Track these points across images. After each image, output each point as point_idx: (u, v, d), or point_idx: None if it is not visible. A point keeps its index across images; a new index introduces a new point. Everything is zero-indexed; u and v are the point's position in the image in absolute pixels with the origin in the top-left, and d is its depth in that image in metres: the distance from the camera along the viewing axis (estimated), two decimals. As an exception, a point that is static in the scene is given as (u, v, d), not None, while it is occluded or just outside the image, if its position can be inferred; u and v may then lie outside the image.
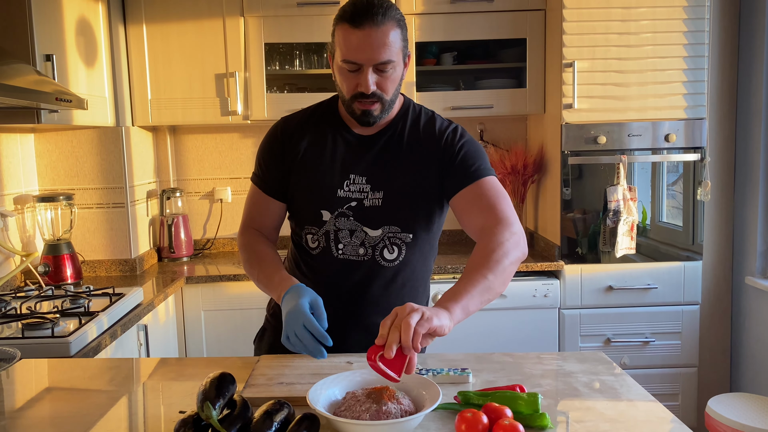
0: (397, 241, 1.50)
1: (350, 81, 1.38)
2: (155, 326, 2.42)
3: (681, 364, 2.81)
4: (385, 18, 1.32)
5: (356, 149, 1.49)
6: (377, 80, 1.37)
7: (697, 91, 2.71)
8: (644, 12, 2.67)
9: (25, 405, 1.28)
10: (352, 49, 1.34)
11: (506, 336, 2.74)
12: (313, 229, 1.50)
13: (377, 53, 1.33)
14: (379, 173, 1.47)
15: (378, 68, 1.35)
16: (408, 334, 1.04)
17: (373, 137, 1.49)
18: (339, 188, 1.47)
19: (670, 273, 2.78)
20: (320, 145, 1.50)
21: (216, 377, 1.06)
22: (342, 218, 1.47)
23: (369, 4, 1.32)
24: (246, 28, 2.87)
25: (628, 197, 2.69)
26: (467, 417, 1.03)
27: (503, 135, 3.30)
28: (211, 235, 3.32)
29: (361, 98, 1.38)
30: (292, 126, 1.53)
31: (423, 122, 1.51)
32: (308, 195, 1.50)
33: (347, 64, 1.36)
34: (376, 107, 1.40)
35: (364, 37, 1.32)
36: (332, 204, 1.47)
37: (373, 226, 1.48)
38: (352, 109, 1.42)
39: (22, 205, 2.58)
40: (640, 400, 1.23)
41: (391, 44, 1.34)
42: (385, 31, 1.33)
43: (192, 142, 3.28)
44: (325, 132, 1.51)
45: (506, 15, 2.88)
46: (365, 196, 1.47)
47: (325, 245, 1.49)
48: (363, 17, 1.31)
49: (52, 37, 2.23)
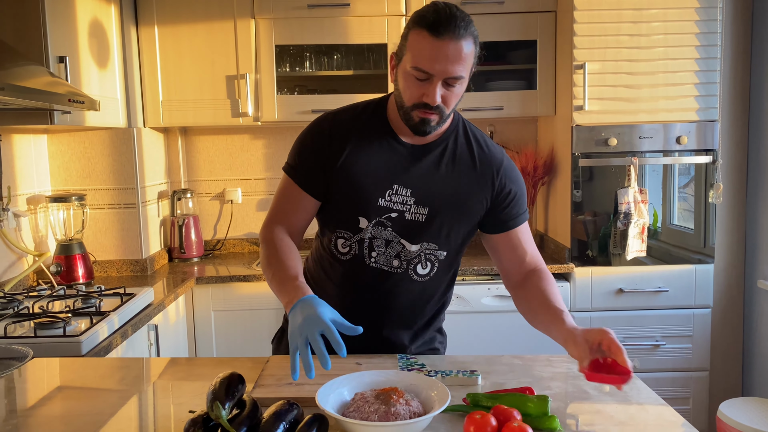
0: (432, 258, 1.49)
1: (416, 89, 1.32)
2: (165, 326, 2.43)
3: (692, 367, 2.79)
4: (465, 32, 1.28)
5: (403, 159, 1.44)
6: (443, 93, 1.32)
7: (709, 93, 2.70)
8: (656, 13, 2.66)
9: (36, 404, 1.29)
10: (426, 58, 1.28)
11: (515, 338, 2.73)
12: (347, 234, 1.46)
13: (452, 67, 1.28)
14: (425, 188, 1.43)
15: (447, 81, 1.30)
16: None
17: (422, 149, 1.45)
18: (381, 197, 1.43)
19: (682, 276, 2.76)
20: (366, 149, 1.44)
21: (226, 377, 1.06)
22: (379, 227, 1.44)
23: (452, 15, 1.27)
24: (257, 30, 2.88)
25: (639, 199, 2.68)
26: (476, 419, 1.03)
27: (513, 136, 3.29)
28: (222, 236, 3.33)
29: (422, 108, 1.33)
30: (341, 124, 1.46)
31: (475, 144, 1.47)
32: (348, 199, 1.44)
33: (417, 72, 1.30)
34: (434, 118, 1.35)
35: (442, 49, 1.27)
36: (371, 212, 1.43)
37: (413, 240, 1.45)
38: (410, 116, 1.36)
39: (34, 206, 2.60)
40: (651, 404, 1.22)
41: (465, 60, 1.30)
42: (463, 46, 1.28)
43: (203, 143, 3.30)
44: (372, 136, 1.45)
45: (516, 17, 2.88)
46: (408, 209, 1.43)
47: (357, 252, 1.46)
48: (445, 28, 1.26)
49: (65, 39, 2.25)
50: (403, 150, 1.44)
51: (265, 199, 3.33)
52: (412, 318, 1.55)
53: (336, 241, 1.48)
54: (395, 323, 1.52)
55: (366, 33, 2.88)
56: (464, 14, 1.30)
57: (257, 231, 3.34)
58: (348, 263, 1.47)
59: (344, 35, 2.88)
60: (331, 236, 1.49)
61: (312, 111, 2.88)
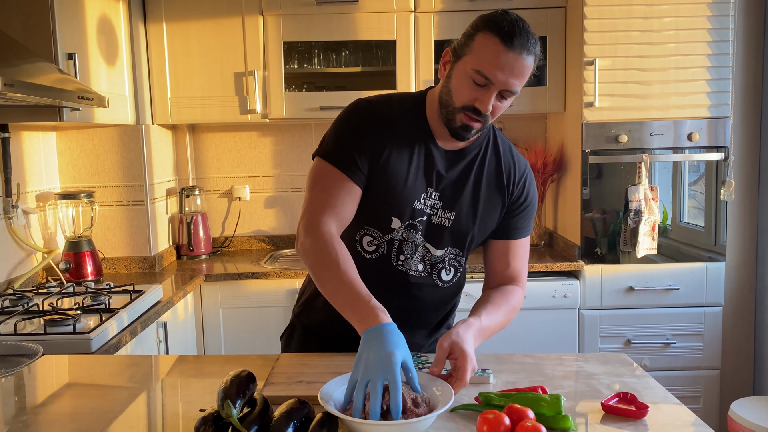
0: (455, 263, 1.49)
1: (470, 92, 1.29)
2: (174, 323, 2.43)
3: (703, 366, 2.77)
4: (533, 50, 1.27)
5: (439, 163, 1.41)
6: (494, 104, 1.30)
7: (721, 89, 2.67)
8: (667, 9, 2.63)
9: (46, 401, 1.29)
10: (492, 65, 1.25)
11: (525, 336, 2.71)
12: (375, 233, 1.43)
13: (513, 80, 1.26)
14: (454, 193, 1.43)
15: (502, 93, 1.29)
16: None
17: (456, 155, 1.43)
18: (417, 200, 1.41)
19: (692, 274, 2.74)
20: (405, 148, 1.40)
21: (236, 375, 1.06)
22: (411, 230, 1.42)
23: (526, 31, 1.26)
24: (265, 27, 2.88)
25: (649, 197, 2.66)
26: (489, 418, 1.02)
27: (523, 133, 3.27)
28: (230, 233, 3.33)
29: (471, 112, 1.31)
30: (380, 116, 1.41)
31: (503, 152, 1.47)
32: (384, 198, 1.40)
33: (478, 76, 1.26)
34: (477, 126, 1.33)
35: (512, 60, 1.25)
36: (407, 214, 1.41)
37: (438, 245, 1.45)
38: (454, 117, 1.33)
39: (44, 203, 2.61)
40: (664, 403, 1.21)
41: (526, 76, 1.28)
42: (527, 63, 1.27)
43: (211, 140, 3.29)
44: (412, 136, 1.41)
45: (526, 12, 2.86)
46: (435, 212, 1.43)
47: (385, 252, 1.43)
48: (519, 40, 1.24)
49: (75, 36, 2.25)
50: (439, 154, 1.42)
51: (273, 196, 3.32)
52: (431, 320, 1.55)
53: (361, 238, 1.44)
54: (414, 325, 1.51)
55: (374, 29, 2.87)
56: (533, 32, 1.28)
57: (265, 228, 3.34)
58: (373, 262, 1.44)
59: (352, 32, 2.87)
60: (355, 232, 1.44)
61: (320, 108, 2.88)
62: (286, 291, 2.70)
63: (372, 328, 1.14)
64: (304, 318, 1.60)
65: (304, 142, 3.28)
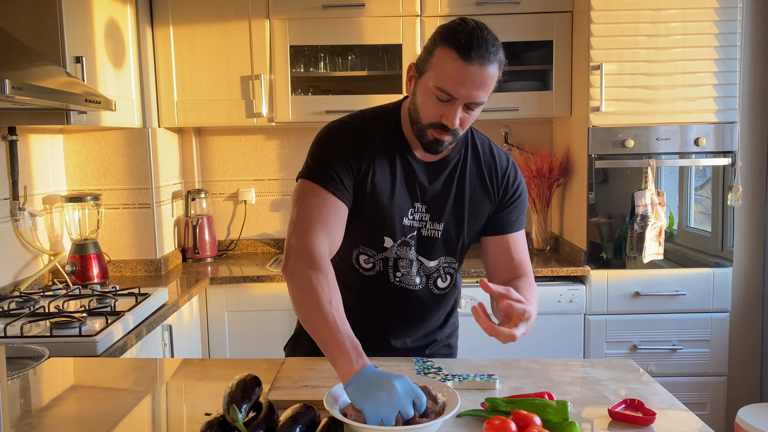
0: (451, 270, 1.50)
1: (435, 109, 1.28)
2: (180, 326, 2.43)
3: (709, 372, 2.76)
4: (494, 58, 1.25)
5: (420, 176, 1.41)
6: (461, 116, 1.29)
7: (729, 94, 2.66)
8: (674, 14, 2.62)
9: (52, 403, 1.29)
10: (452, 81, 1.24)
11: (530, 341, 2.70)
12: (370, 252, 1.43)
13: (477, 93, 1.25)
14: (439, 204, 1.42)
15: (468, 106, 1.28)
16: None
17: (437, 165, 1.42)
18: (405, 216, 1.41)
19: (699, 279, 2.73)
20: (387, 166, 1.39)
21: (242, 380, 1.06)
22: (404, 247, 1.42)
23: (484, 41, 1.23)
24: (271, 31, 2.88)
25: (656, 202, 2.65)
26: (495, 424, 1.02)
27: (528, 138, 3.27)
28: (235, 236, 3.33)
29: (439, 128, 1.30)
30: (357, 134, 1.39)
31: (482, 152, 1.46)
32: (375, 218, 1.39)
33: (440, 93, 1.25)
34: (448, 138, 1.32)
35: (472, 74, 1.23)
36: (397, 232, 1.41)
37: (430, 257, 1.45)
38: (424, 134, 1.32)
39: (50, 205, 2.61)
40: (671, 409, 1.20)
41: (490, 85, 1.27)
42: (490, 73, 1.25)
43: (217, 143, 3.30)
44: (392, 152, 1.40)
45: (532, 17, 2.85)
46: (423, 225, 1.42)
47: (381, 270, 1.44)
48: (476, 52, 1.22)
49: (82, 40, 2.25)
50: (420, 167, 1.41)
51: (279, 199, 3.32)
52: (432, 323, 1.55)
53: (358, 256, 1.45)
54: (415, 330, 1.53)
55: (381, 33, 2.87)
56: (494, 38, 1.26)
57: (271, 232, 3.34)
58: (371, 280, 1.45)
59: (359, 36, 2.88)
60: (351, 250, 1.44)
61: (326, 112, 2.88)
62: (291, 294, 2.70)
63: (356, 375, 1.07)
64: None
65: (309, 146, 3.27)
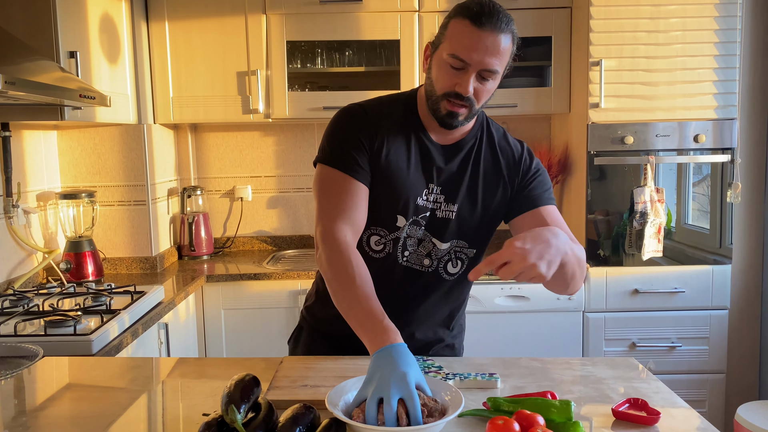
0: (462, 256, 1.49)
1: (449, 78, 1.31)
2: (176, 325, 2.41)
3: (708, 370, 2.75)
4: (506, 27, 1.28)
5: (436, 157, 1.43)
6: (476, 86, 1.31)
7: (728, 91, 2.65)
8: (674, 10, 2.61)
9: (46, 403, 1.27)
10: (465, 47, 1.27)
11: (530, 339, 2.69)
12: (382, 232, 1.44)
13: (489, 59, 1.28)
14: (454, 186, 1.43)
15: (482, 74, 1.30)
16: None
17: (453, 147, 1.44)
18: (419, 196, 1.42)
19: (698, 277, 2.72)
20: (401, 146, 1.41)
21: (240, 379, 1.04)
22: (414, 226, 1.43)
23: (495, 9, 1.28)
24: (268, 26, 2.86)
25: (655, 199, 2.63)
26: (498, 424, 1.00)
27: (527, 134, 3.25)
28: (231, 234, 3.31)
29: (453, 98, 1.32)
30: (374, 117, 1.41)
31: (497, 139, 1.48)
32: (389, 197, 1.41)
33: (454, 60, 1.29)
34: (463, 111, 1.34)
35: (483, 39, 1.27)
36: (411, 211, 1.42)
37: (443, 238, 1.45)
38: (438, 106, 1.35)
39: (44, 202, 2.59)
40: (674, 407, 1.19)
41: (503, 54, 1.29)
42: (502, 40, 1.28)
43: (213, 140, 3.27)
44: (407, 133, 1.42)
45: (531, 13, 2.84)
46: (438, 207, 1.43)
47: (391, 250, 1.44)
48: (487, 19, 1.26)
49: (76, 35, 2.23)
50: (435, 149, 1.43)
51: (276, 196, 3.30)
52: (439, 314, 1.54)
53: (369, 237, 1.45)
54: (421, 322, 1.51)
55: (378, 29, 2.85)
56: (506, 12, 1.30)
57: (267, 229, 3.32)
58: (380, 261, 1.44)
59: (356, 31, 2.85)
60: (363, 233, 1.44)
61: (323, 108, 2.86)
62: (288, 292, 2.68)
63: (383, 348, 1.11)
64: (311, 317, 1.59)
65: (306, 142, 3.26)
